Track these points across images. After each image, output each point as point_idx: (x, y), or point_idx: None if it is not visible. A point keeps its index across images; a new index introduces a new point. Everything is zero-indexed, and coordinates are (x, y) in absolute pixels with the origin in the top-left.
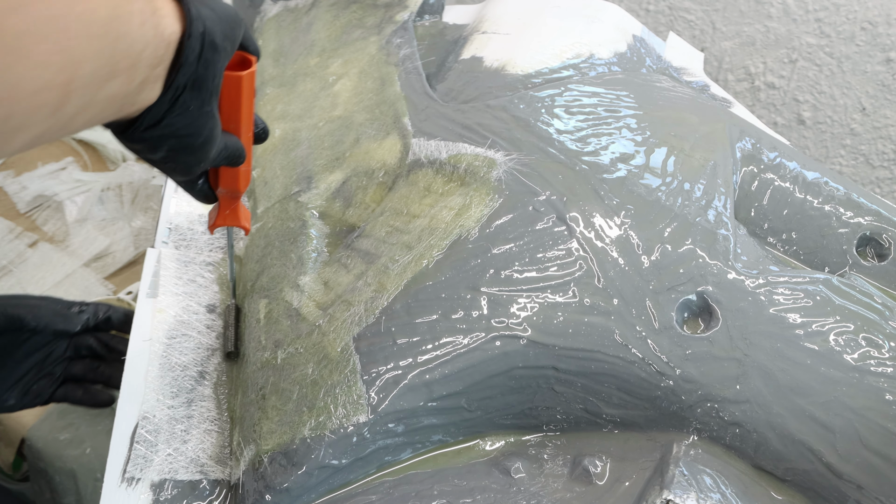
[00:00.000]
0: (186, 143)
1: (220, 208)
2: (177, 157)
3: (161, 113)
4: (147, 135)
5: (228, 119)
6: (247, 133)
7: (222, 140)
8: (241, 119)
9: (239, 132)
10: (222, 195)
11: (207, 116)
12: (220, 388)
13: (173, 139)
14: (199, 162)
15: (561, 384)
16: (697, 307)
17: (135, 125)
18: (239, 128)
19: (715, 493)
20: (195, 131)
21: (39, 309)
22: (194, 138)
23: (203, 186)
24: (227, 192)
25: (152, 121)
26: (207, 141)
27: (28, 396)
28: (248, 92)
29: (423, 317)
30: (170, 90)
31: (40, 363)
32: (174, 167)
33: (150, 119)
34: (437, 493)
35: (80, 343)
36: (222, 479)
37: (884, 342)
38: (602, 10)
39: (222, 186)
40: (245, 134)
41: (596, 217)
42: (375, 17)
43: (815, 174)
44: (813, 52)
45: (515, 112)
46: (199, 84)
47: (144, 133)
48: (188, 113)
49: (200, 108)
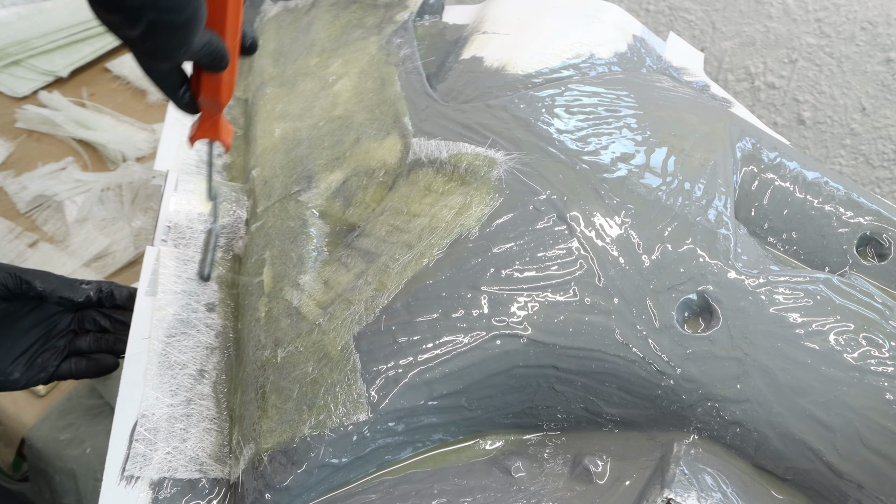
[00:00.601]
0: (167, 18)
1: (200, 120)
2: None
3: None
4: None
5: (214, 18)
6: (232, 38)
7: (206, 34)
8: (227, 21)
9: (224, 34)
10: (204, 106)
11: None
12: (219, 386)
13: (153, 11)
14: (179, 45)
15: (561, 383)
16: (698, 306)
17: None
18: (224, 29)
19: (716, 492)
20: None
21: (47, 275)
22: (176, 14)
23: (185, 95)
24: (209, 103)
25: None
26: (190, 20)
27: (33, 370)
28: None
29: (423, 315)
30: None
31: (45, 335)
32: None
33: None
34: (438, 492)
35: (85, 317)
36: (222, 478)
37: (884, 341)
38: (602, 10)
39: (204, 95)
40: (230, 39)
41: (596, 216)
42: (375, 17)
43: (815, 174)
44: (813, 52)
45: (516, 112)
46: None
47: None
48: None
49: None
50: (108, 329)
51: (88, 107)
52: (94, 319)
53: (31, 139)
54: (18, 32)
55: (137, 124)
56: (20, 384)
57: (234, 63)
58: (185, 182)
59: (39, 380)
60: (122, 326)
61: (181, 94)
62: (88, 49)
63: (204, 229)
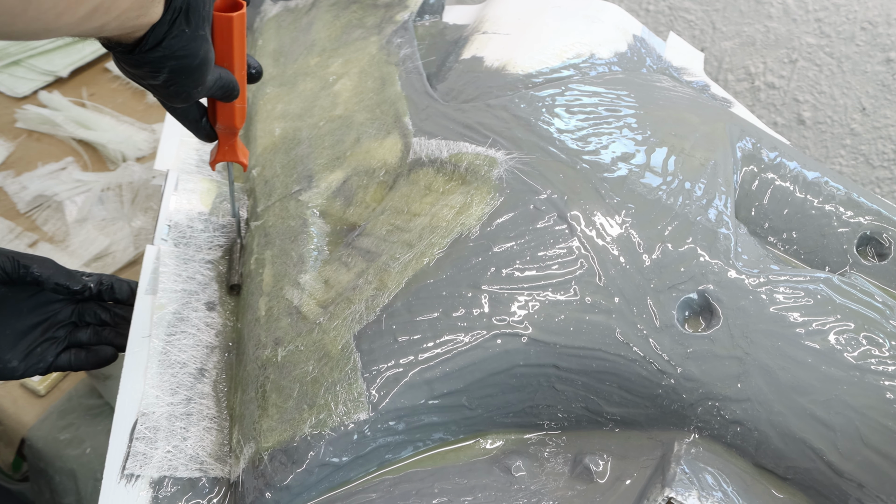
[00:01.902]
0: (184, 64)
1: (219, 145)
2: (177, 79)
3: (161, 34)
4: (150, 56)
5: (222, 56)
6: (240, 70)
7: (216, 71)
8: (234, 56)
9: (232, 68)
10: (221, 132)
11: (202, 40)
12: (219, 385)
13: (172, 60)
14: (196, 85)
15: (562, 382)
16: (698, 306)
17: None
18: (232, 64)
19: (716, 491)
20: (192, 53)
21: (45, 261)
22: (191, 59)
23: (205, 124)
24: (225, 129)
25: (154, 41)
26: (203, 63)
27: (31, 359)
28: (238, 31)
29: (423, 315)
30: (168, 11)
31: (44, 324)
32: (176, 91)
33: (153, 39)
34: (438, 491)
35: (85, 310)
36: (222, 477)
37: (884, 341)
38: (602, 10)
39: (220, 123)
40: (238, 71)
41: (597, 216)
42: (376, 17)
43: (815, 174)
44: (813, 52)
45: (516, 111)
46: (192, 9)
47: (148, 54)
48: (184, 35)
49: (195, 32)
50: (107, 322)
51: (88, 107)
52: (95, 312)
53: (31, 139)
54: None
55: (137, 124)
56: (18, 373)
57: (244, 92)
58: (185, 181)
59: (38, 370)
60: (121, 320)
61: (202, 124)
62: (88, 49)
63: (204, 227)
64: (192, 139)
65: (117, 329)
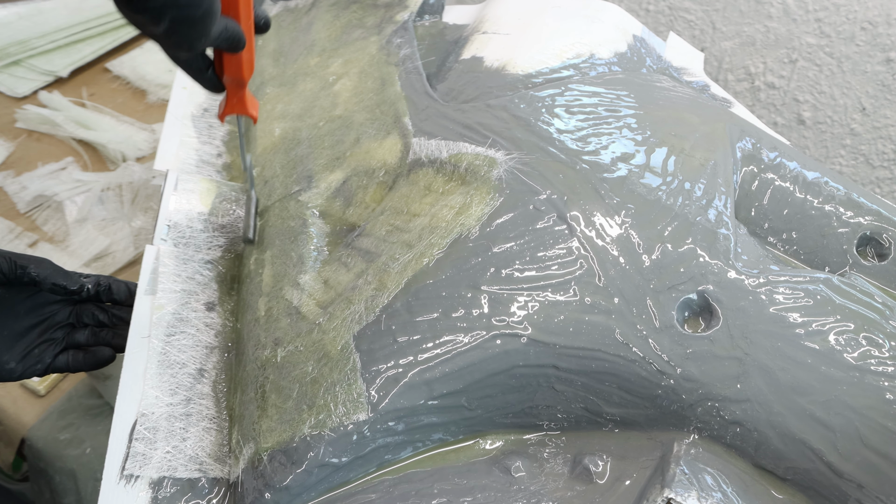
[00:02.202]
0: (187, 13)
1: (227, 98)
2: (179, 29)
3: None
4: (151, 3)
5: (228, 5)
6: (246, 21)
7: (222, 21)
8: (240, 7)
9: (238, 18)
10: (229, 83)
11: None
12: (218, 385)
13: (174, 9)
14: (200, 36)
15: (561, 383)
16: (698, 306)
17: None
18: (238, 13)
19: (716, 491)
20: (195, 2)
21: (42, 261)
22: (194, 9)
23: (210, 75)
24: (232, 81)
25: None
26: (207, 14)
27: (29, 360)
28: None
29: (423, 315)
30: None
31: (42, 325)
32: (178, 41)
33: None
34: (438, 491)
35: (83, 311)
36: (221, 478)
37: (884, 341)
38: (602, 10)
39: (227, 74)
40: (245, 21)
41: (596, 216)
42: (375, 17)
43: (815, 174)
44: (813, 52)
45: (516, 111)
46: None
47: (148, 2)
48: None
49: None
50: (105, 323)
51: (88, 107)
52: (93, 314)
53: (31, 139)
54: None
55: (137, 124)
56: (16, 374)
57: (251, 43)
58: (184, 181)
59: (35, 371)
60: (120, 321)
61: (207, 75)
62: (88, 49)
63: (204, 227)
64: (192, 139)
65: (115, 330)
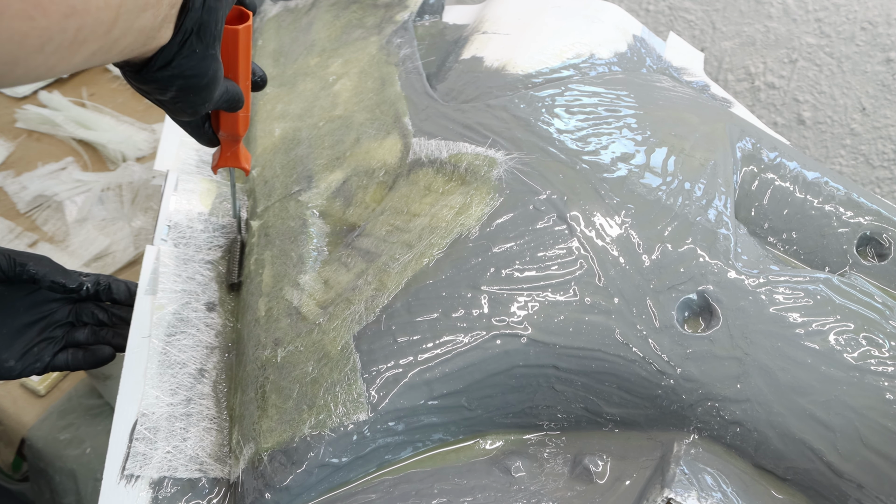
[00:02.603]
0: (193, 83)
1: (222, 151)
2: (185, 97)
3: (171, 55)
4: (158, 75)
5: (228, 68)
6: (245, 81)
7: (223, 84)
8: (240, 68)
9: (237, 79)
10: (224, 139)
11: (211, 59)
12: (219, 385)
13: (181, 80)
14: (203, 102)
15: (561, 383)
16: (698, 306)
17: (148, 66)
18: (237, 75)
19: (716, 491)
20: (201, 73)
21: (41, 259)
22: (200, 79)
23: (208, 131)
24: (228, 136)
25: (163, 62)
26: (212, 82)
27: (28, 358)
28: (244, 44)
29: (423, 315)
30: (179, 33)
31: (41, 323)
32: (182, 107)
33: (161, 60)
34: (438, 491)
35: (83, 310)
36: (222, 478)
37: (884, 341)
38: (602, 10)
39: (223, 131)
40: (243, 81)
41: (596, 216)
42: (375, 17)
43: (815, 174)
44: (813, 52)
45: (516, 111)
46: (204, 29)
47: (156, 73)
48: (194, 55)
49: (205, 52)
50: (105, 323)
51: (88, 107)
52: (92, 313)
53: (31, 139)
54: None
55: (137, 124)
56: (14, 372)
57: (248, 101)
58: (185, 182)
59: (35, 370)
60: (119, 321)
61: (204, 130)
62: None
63: (204, 228)
64: (192, 140)
65: (115, 329)
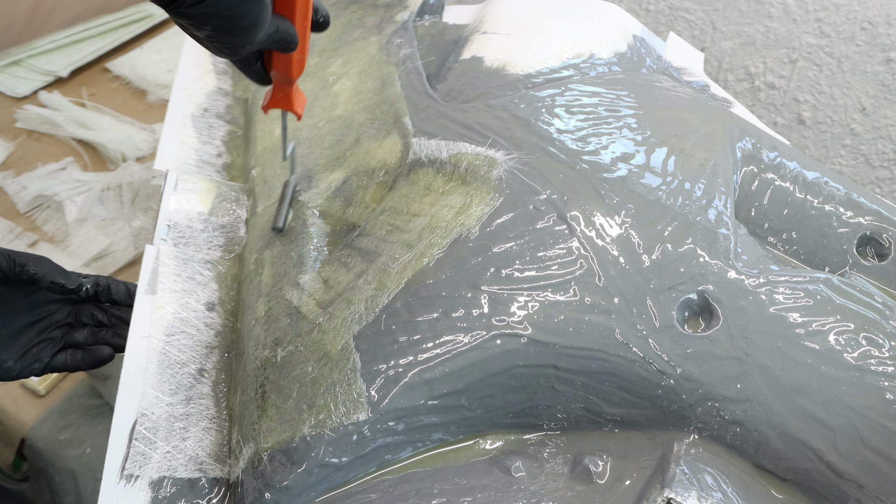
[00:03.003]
0: (231, 24)
1: (273, 91)
2: (221, 37)
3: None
4: (191, 11)
5: (283, 4)
6: (302, 21)
7: (273, 23)
8: (297, 4)
9: (293, 17)
10: (276, 79)
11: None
12: (218, 385)
13: (217, 18)
14: (243, 44)
15: (561, 383)
16: (698, 306)
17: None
18: (293, 13)
19: (716, 491)
20: (240, 14)
21: (41, 259)
22: (239, 21)
23: (258, 68)
24: (280, 77)
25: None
26: (253, 25)
27: (27, 359)
28: None
29: (423, 315)
30: None
31: (40, 323)
32: (219, 47)
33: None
34: (438, 491)
35: (82, 311)
36: (221, 478)
37: (884, 341)
38: (602, 10)
39: (275, 70)
40: (300, 22)
41: (596, 216)
42: (375, 17)
43: (815, 174)
44: (813, 52)
45: (516, 111)
46: None
47: (189, 9)
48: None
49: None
50: (104, 323)
51: (88, 107)
52: (92, 314)
53: (31, 139)
54: None
55: (137, 124)
56: (13, 373)
57: (305, 43)
58: (184, 181)
59: (34, 370)
60: (119, 321)
61: (255, 68)
62: (88, 49)
63: (203, 227)
64: (192, 139)
65: (115, 329)
